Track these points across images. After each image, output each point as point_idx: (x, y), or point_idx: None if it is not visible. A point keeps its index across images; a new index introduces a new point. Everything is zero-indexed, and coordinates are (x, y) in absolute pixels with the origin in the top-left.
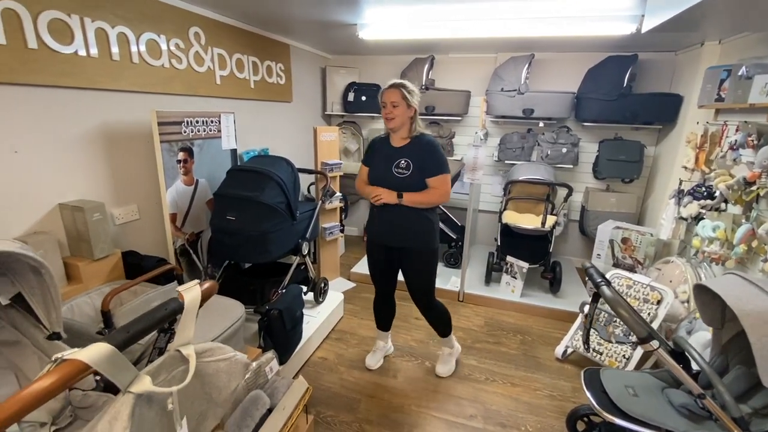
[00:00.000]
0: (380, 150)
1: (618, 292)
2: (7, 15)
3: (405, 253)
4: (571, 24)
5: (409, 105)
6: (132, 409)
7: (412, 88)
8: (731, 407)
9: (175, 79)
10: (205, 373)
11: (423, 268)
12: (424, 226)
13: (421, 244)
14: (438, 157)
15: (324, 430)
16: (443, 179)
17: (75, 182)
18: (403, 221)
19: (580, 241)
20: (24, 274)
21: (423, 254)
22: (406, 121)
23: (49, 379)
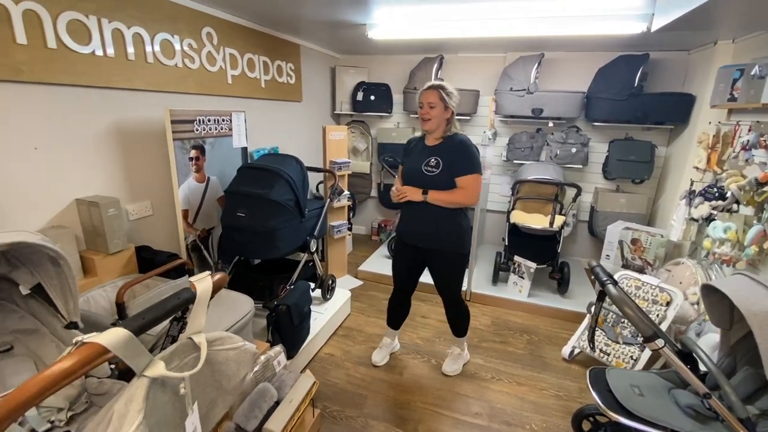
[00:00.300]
0: (414, 149)
1: (624, 291)
2: (28, 16)
3: (434, 254)
4: (580, 23)
5: (446, 107)
6: (146, 392)
7: (450, 90)
8: (737, 408)
9: (188, 78)
10: (215, 361)
11: (451, 271)
12: (454, 229)
13: (450, 247)
14: (469, 156)
15: (330, 424)
16: (472, 179)
17: (91, 178)
18: (433, 223)
19: (590, 241)
20: (43, 264)
21: (452, 256)
22: (442, 122)
23: (70, 360)
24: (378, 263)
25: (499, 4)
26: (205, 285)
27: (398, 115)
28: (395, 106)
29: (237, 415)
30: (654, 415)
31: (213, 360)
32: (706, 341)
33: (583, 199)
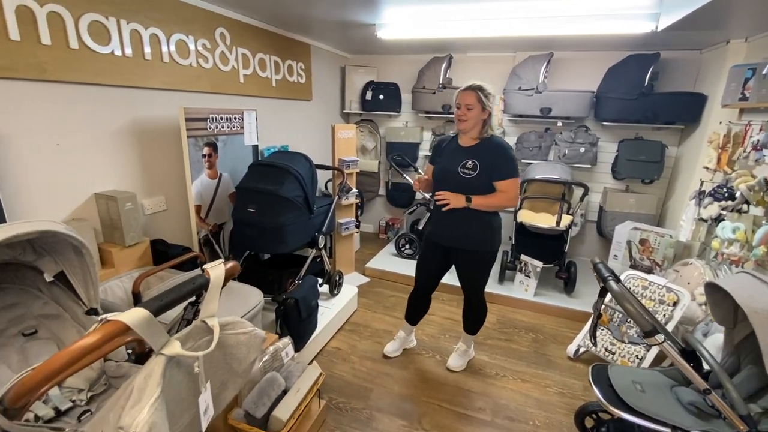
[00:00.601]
0: (447, 148)
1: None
2: (51, 17)
3: (465, 254)
4: (588, 22)
5: (484, 108)
6: (164, 368)
7: (489, 91)
8: (738, 404)
9: (202, 77)
10: (227, 344)
11: (481, 269)
12: (487, 228)
13: (482, 246)
14: (508, 160)
15: (336, 415)
16: (512, 183)
17: (109, 174)
18: (467, 223)
19: (598, 242)
20: (66, 253)
21: (482, 255)
22: (478, 123)
23: (95, 336)
24: (385, 261)
25: (507, 4)
26: (218, 272)
27: (407, 115)
28: (404, 105)
29: (246, 402)
30: (654, 411)
31: (225, 343)
32: (713, 341)
33: (592, 199)
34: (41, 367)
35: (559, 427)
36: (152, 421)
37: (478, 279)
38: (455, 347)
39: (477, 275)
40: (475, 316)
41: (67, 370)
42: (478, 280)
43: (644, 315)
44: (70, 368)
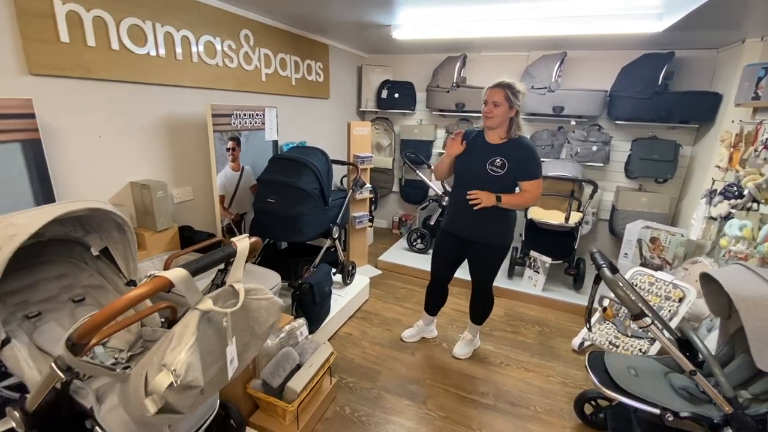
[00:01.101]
0: (473, 144)
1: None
2: (96, 21)
3: (479, 246)
4: (599, 22)
5: (511, 106)
6: (198, 321)
7: (518, 89)
8: (725, 388)
9: (227, 76)
10: (250, 308)
11: (493, 262)
12: (503, 222)
13: (496, 239)
14: (535, 162)
15: (345, 393)
16: (537, 184)
17: (143, 164)
18: (484, 217)
19: (610, 240)
20: (110, 231)
21: (496, 248)
22: (505, 121)
23: (146, 287)
24: (397, 255)
25: (519, 5)
26: (244, 244)
27: (421, 113)
28: (418, 103)
29: (264, 372)
30: (646, 393)
31: (248, 306)
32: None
33: (604, 198)
34: (104, 309)
35: (559, 413)
36: (189, 362)
37: (490, 271)
38: (461, 336)
39: (489, 268)
40: (483, 307)
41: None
42: (489, 273)
43: (633, 299)
44: (126, 309)
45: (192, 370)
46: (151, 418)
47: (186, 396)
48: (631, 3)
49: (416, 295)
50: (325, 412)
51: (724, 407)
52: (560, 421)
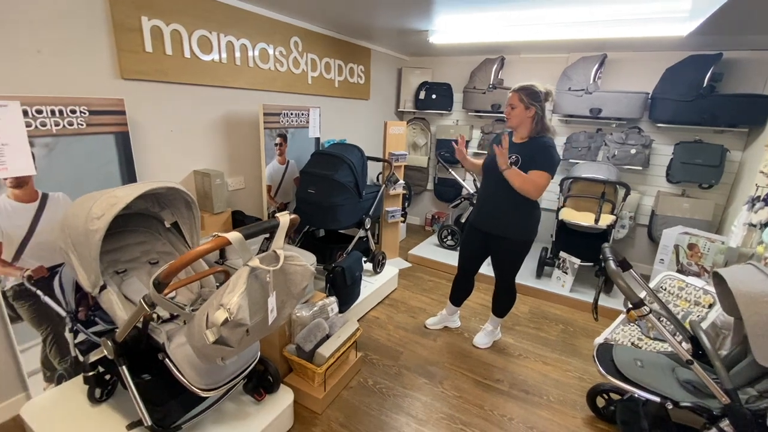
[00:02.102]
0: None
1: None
2: (173, 33)
3: (500, 240)
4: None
5: (527, 107)
6: (248, 274)
7: (534, 91)
8: (724, 380)
9: (278, 79)
10: (288, 271)
11: (513, 257)
12: (525, 217)
13: (517, 235)
14: (546, 156)
15: (369, 367)
16: (541, 176)
17: (204, 155)
18: (506, 211)
19: (648, 247)
20: (180, 208)
21: (517, 243)
22: (524, 121)
23: (210, 244)
24: (427, 250)
25: (554, 10)
26: (285, 218)
27: (458, 113)
28: (455, 104)
29: (297, 338)
30: (648, 383)
31: (286, 270)
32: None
33: (644, 202)
34: (180, 258)
35: (571, 405)
36: (240, 304)
37: (510, 266)
38: (482, 326)
39: (509, 262)
40: (504, 301)
41: (194, 261)
42: (509, 267)
43: (633, 290)
44: (195, 260)
45: (242, 311)
46: (209, 347)
47: (235, 332)
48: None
49: (442, 288)
50: (350, 381)
51: (720, 398)
52: (572, 411)
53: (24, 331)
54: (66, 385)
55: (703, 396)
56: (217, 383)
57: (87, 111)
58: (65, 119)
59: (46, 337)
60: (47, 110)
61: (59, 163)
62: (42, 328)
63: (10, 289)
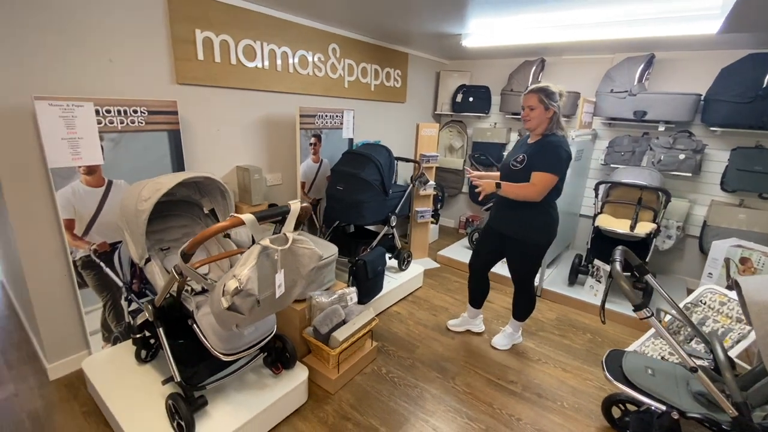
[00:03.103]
0: (517, 144)
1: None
2: (222, 43)
3: (513, 242)
4: (685, 23)
5: (547, 107)
6: (259, 252)
7: (552, 91)
8: (734, 393)
9: (315, 84)
10: (296, 253)
11: (524, 258)
12: (539, 219)
13: (531, 236)
14: (550, 155)
15: (384, 357)
16: (542, 177)
17: (246, 152)
18: (518, 213)
19: (699, 260)
20: (216, 196)
21: (529, 245)
22: (542, 123)
23: (227, 222)
24: (457, 251)
25: (599, 10)
26: (296, 206)
27: (495, 116)
28: (493, 107)
29: (315, 321)
30: (655, 390)
31: (295, 252)
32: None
33: (695, 212)
34: (201, 233)
35: (586, 413)
36: (249, 276)
37: (524, 268)
38: (502, 328)
39: (522, 264)
40: (522, 304)
41: (213, 236)
42: (523, 270)
43: (635, 292)
44: (214, 235)
45: (251, 282)
46: (224, 313)
47: (246, 301)
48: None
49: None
50: (364, 368)
51: (727, 410)
52: (585, 419)
53: (88, 296)
54: (119, 345)
55: (716, 410)
56: (236, 349)
57: (146, 111)
58: (128, 118)
59: (105, 302)
60: (114, 110)
61: (122, 155)
62: (103, 294)
63: (79, 259)
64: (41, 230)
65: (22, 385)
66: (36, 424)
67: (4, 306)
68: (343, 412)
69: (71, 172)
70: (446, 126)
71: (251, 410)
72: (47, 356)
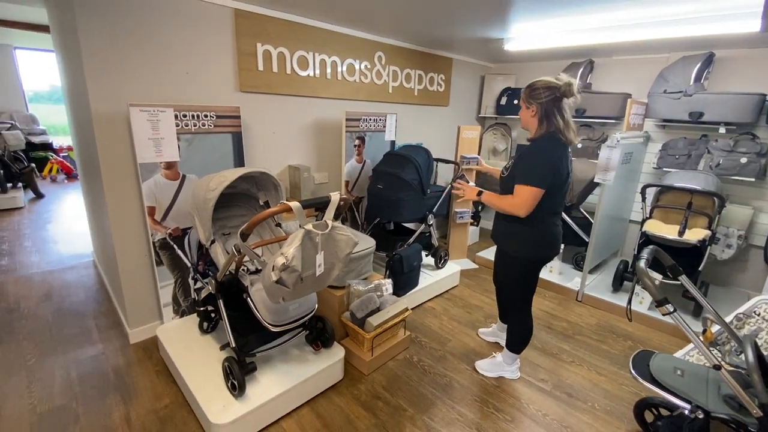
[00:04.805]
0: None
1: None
2: (279, 55)
3: (498, 252)
4: (745, 20)
5: (527, 105)
6: (303, 235)
7: (536, 87)
8: (761, 392)
9: (361, 90)
10: (335, 238)
11: (505, 270)
12: (521, 232)
13: (511, 248)
14: (528, 165)
15: (416, 347)
16: (520, 190)
17: (297, 153)
18: (503, 223)
19: (763, 271)
20: (270, 189)
21: (509, 258)
22: (529, 121)
23: (276, 208)
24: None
25: (647, 11)
26: (336, 196)
27: None
28: None
29: (353, 306)
30: (681, 390)
31: (333, 237)
32: None
33: (761, 220)
34: (255, 216)
35: (618, 416)
36: (294, 254)
37: (505, 281)
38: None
39: (503, 278)
40: (510, 329)
41: (266, 219)
42: (505, 283)
43: (658, 288)
44: (266, 218)
45: (295, 260)
46: (273, 286)
47: (291, 276)
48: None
49: None
50: (397, 354)
51: (751, 410)
52: (617, 422)
53: (163, 273)
54: (186, 318)
55: (745, 413)
56: (282, 322)
57: (215, 116)
58: (200, 121)
59: (176, 279)
60: (189, 115)
61: (194, 153)
62: (174, 272)
63: (158, 241)
64: (130, 215)
65: (108, 346)
66: (118, 378)
67: (96, 281)
68: (375, 392)
69: (154, 167)
70: (490, 129)
71: (293, 380)
72: (129, 323)
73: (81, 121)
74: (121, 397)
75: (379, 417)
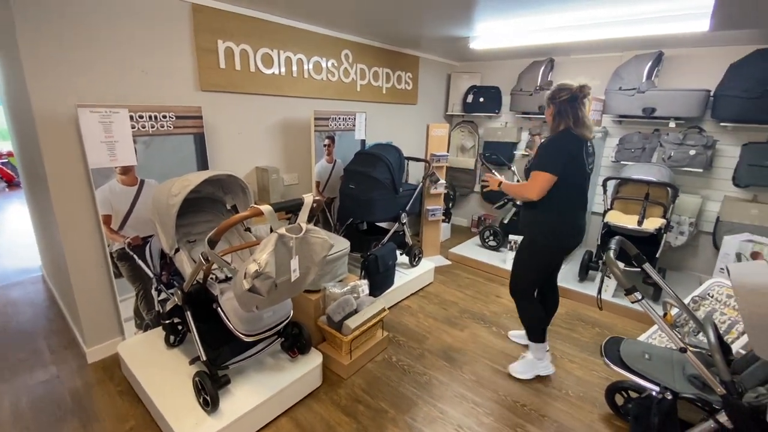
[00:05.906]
0: None
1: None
2: (242, 52)
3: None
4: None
5: (548, 106)
6: (276, 240)
7: (554, 88)
8: (723, 372)
9: (329, 88)
10: (309, 241)
11: (519, 254)
12: (537, 219)
13: (526, 233)
14: (542, 153)
15: (395, 347)
16: (534, 175)
17: (264, 154)
18: (524, 212)
19: (713, 255)
20: (237, 192)
21: (525, 241)
22: (549, 120)
23: (246, 213)
24: (469, 249)
25: (600, 11)
26: (309, 198)
27: (506, 115)
28: (504, 106)
29: (329, 310)
30: (650, 373)
31: (308, 240)
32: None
33: (709, 208)
34: (224, 222)
35: (591, 401)
36: (267, 260)
37: (516, 265)
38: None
39: (516, 260)
40: (522, 321)
41: (234, 225)
42: (516, 266)
43: (626, 277)
44: (235, 224)
45: (269, 266)
46: (246, 294)
47: (264, 283)
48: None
49: (478, 285)
50: (375, 356)
51: (715, 388)
52: (589, 407)
53: (123, 285)
54: (150, 332)
55: (709, 392)
56: (256, 331)
57: (174, 116)
58: (158, 123)
59: (138, 292)
60: (146, 116)
61: (153, 157)
62: (135, 284)
63: (115, 251)
64: (82, 225)
65: (63, 368)
66: (76, 402)
67: (46, 297)
68: (355, 396)
69: (108, 172)
70: (457, 126)
71: (270, 390)
72: (86, 341)
73: (22, 124)
74: (80, 422)
75: (361, 421)
